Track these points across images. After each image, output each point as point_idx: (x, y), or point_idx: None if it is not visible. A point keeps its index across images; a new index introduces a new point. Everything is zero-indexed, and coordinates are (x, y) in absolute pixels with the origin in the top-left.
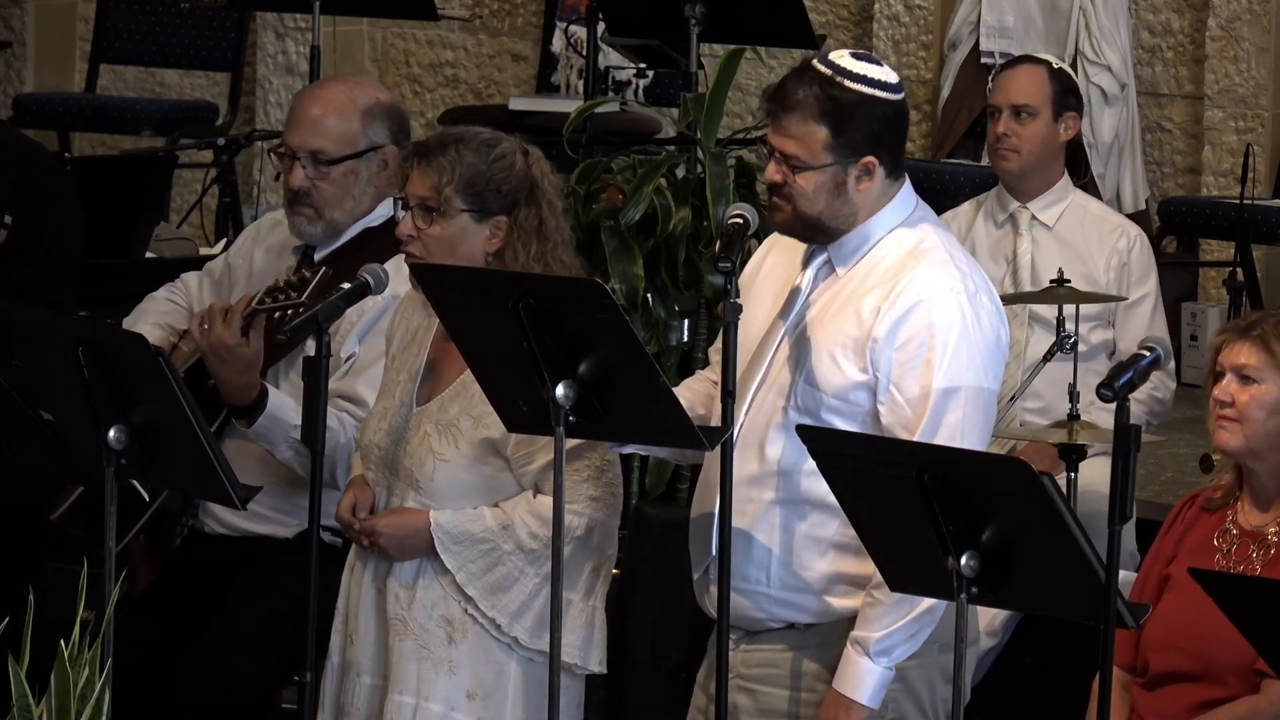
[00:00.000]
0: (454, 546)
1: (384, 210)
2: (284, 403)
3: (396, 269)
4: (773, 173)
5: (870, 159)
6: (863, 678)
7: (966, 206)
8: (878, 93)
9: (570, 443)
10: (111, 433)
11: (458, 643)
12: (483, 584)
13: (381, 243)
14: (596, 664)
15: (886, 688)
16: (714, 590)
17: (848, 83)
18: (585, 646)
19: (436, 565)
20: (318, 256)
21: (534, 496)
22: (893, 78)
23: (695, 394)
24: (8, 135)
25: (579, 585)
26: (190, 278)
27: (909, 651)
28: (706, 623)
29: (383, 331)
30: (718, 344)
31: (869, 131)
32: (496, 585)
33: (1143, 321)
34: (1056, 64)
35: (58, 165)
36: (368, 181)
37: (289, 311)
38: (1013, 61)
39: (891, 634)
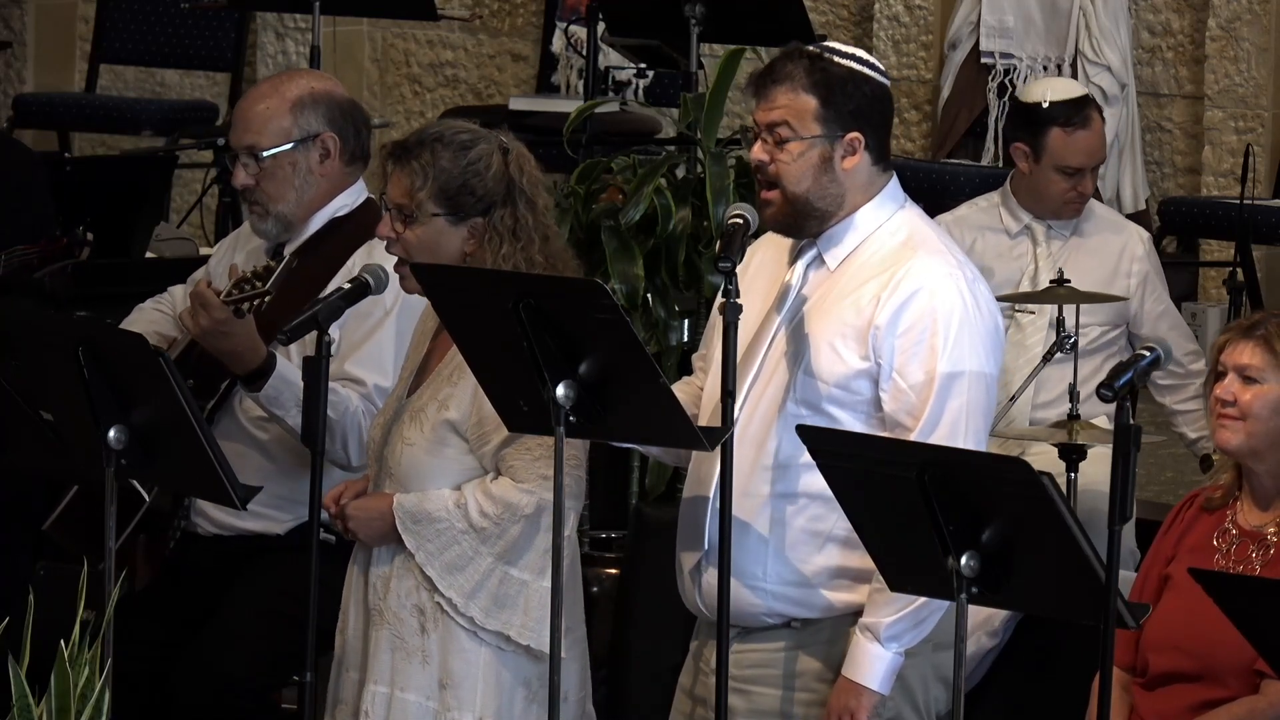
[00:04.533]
0: (413, 526)
1: (349, 199)
2: (289, 366)
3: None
4: (759, 152)
5: (856, 135)
6: (873, 663)
7: (966, 211)
8: (865, 70)
9: None
10: (111, 433)
11: (430, 632)
12: (439, 563)
13: (347, 232)
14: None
15: (895, 675)
16: (706, 586)
17: (836, 59)
18: (539, 627)
19: (409, 553)
20: (288, 250)
21: (492, 479)
22: (878, 63)
23: (686, 396)
24: None
25: (531, 564)
26: (176, 290)
27: (919, 637)
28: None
29: (362, 315)
30: (704, 350)
31: (856, 106)
32: (452, 564)
33: (1176, 320)
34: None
35: (36, 158)
36: (309, 171)
37: (254, 301)
38: (1084, 118)
39: (901, 619)
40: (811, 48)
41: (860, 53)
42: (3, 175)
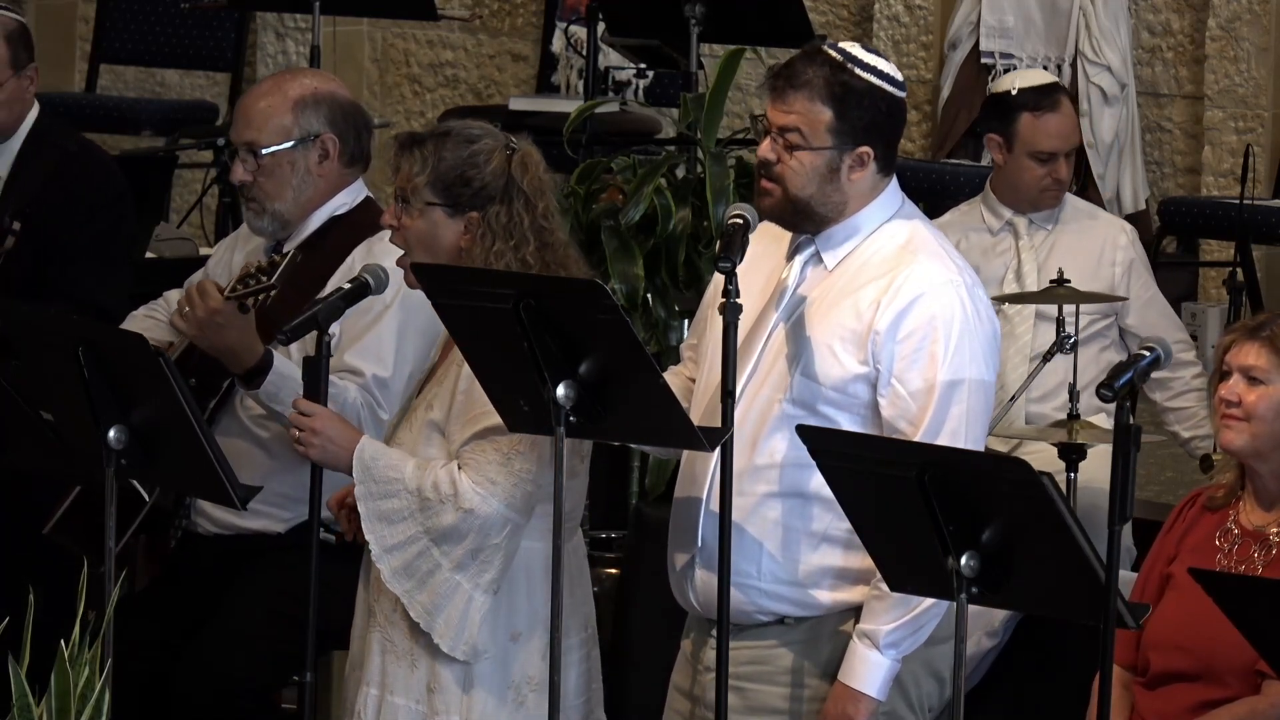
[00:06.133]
0: (369, 463)
1: (348, 198)
2: (287, 362)
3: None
4: (766, 150)
5: (866, 149)
6: (871, 670)
7: (950, 217)
8: (884, 85)
9: (491, 419)
10: (111, 433)
11: (419, 635)
12: (373, 507)
13: (346, 230)
14: (463, 654)
15: (893, 681)
16: (698, 583)
17: (858, 70)
18: (436, 615)
19: None
20: (288, 248)
21: (457, 468)
22: (898, 75)
23: (676, 385)
24: (63, 139)
25: (452, 556)
26: (172, 295)
27: (917, 644)
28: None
29: (362, 310)
30: (693, 339)
31: (871, 121)
32: (383, 515)
33: (1164, 309)
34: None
35: (114, 170)
36: (307, 171)
37: (260, 296)
38: (1052, 102)
39: (900, 626)
40: (834, 53)
41: (881, 63)
42: (73, 190)
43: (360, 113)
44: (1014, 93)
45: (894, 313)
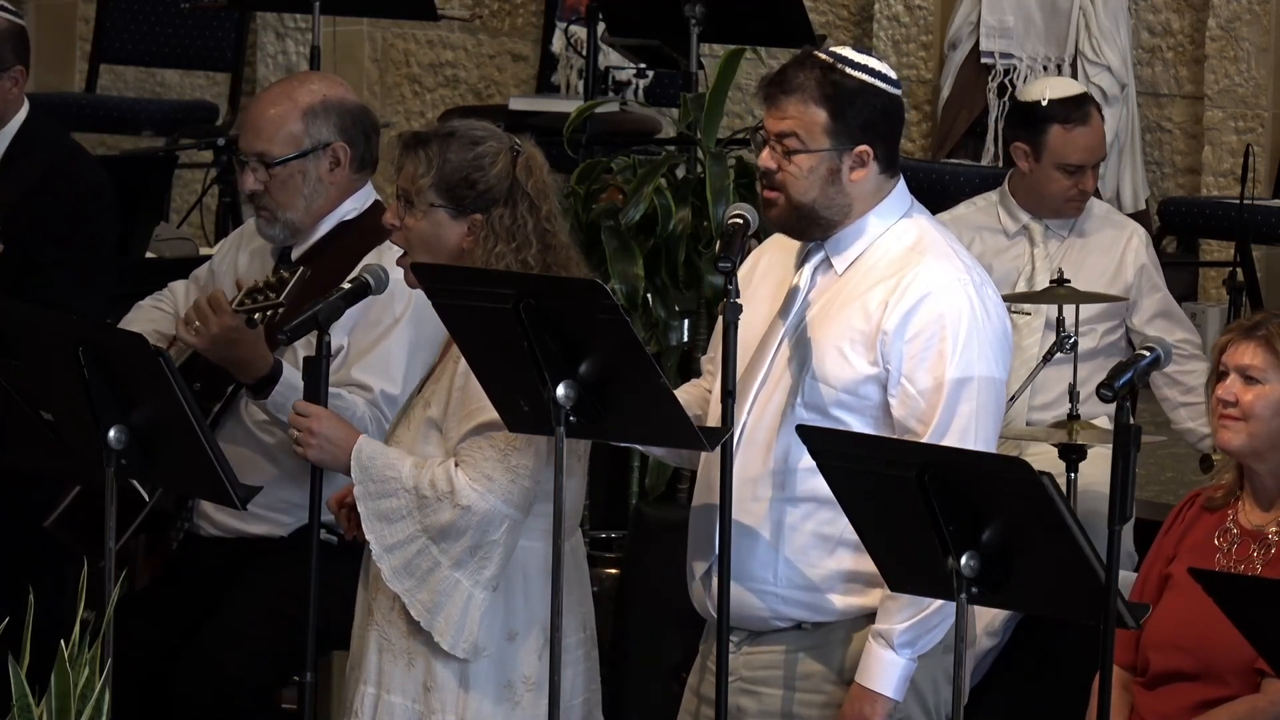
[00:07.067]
0: (366, 460)
1: (357, 203)
2: (296, 373)
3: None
4: (766, 159)
5: (865, 148)
6: (886, 670)
7: (964, 211)
8: (877, 83)
9: (488, 415)
10: (111, 433)
11: (416, 635)
12: (372, 506)
13: (355, 236)
14: (463, 651)
15: (909, 681)
16: (716, 591)
17: (849, 70)
18: (436, 613)
19: None
20: (295, 254)
21: (454, 466)
22: (892, 73)
23: (692, 397)
24: (50, 144)
25: (451, 553)
26: (177, 286)
27: (932, 643)
28: (704, 623)
29: (372, 322)
30: (712, 353)
31: (866, 119)
32: (383, 514)
33: (1174, 310)
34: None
35: (98, 180)
36: (319, 179)
37: (268, 313)
38: (1083, 115)
39: (914, 625)
40: (825, 56)
41: (873, 62)
42: (54, 201)
43: (368, 115)
44: (1044, 103)
45: (902, 312)
